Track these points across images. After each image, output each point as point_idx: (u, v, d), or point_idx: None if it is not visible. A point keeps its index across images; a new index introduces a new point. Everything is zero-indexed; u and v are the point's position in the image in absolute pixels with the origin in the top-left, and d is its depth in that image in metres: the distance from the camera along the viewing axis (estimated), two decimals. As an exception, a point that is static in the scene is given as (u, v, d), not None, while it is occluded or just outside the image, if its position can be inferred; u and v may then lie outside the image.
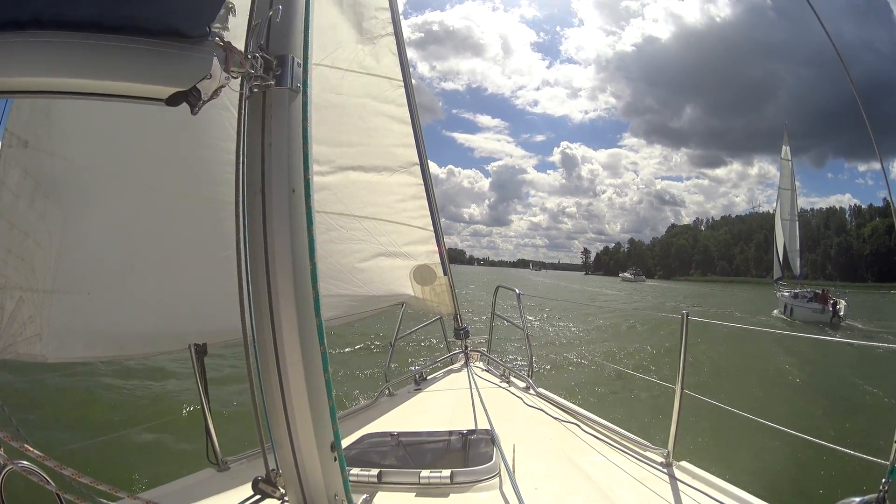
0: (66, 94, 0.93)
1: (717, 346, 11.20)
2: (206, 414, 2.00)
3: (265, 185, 1.03)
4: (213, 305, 2.26)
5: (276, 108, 1.05)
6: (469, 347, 3.74)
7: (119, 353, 2.26)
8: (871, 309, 24.71)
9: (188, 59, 0.95)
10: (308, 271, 1.07)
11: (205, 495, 1.49)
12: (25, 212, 1.95)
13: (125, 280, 2.22)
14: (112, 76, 0.92)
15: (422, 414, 2.72)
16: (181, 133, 2.21)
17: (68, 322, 2.07)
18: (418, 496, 1.57)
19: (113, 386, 5.88)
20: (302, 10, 1.14)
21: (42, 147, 1.95)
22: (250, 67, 1.04)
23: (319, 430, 1.10)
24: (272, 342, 1.06)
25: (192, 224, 2.35)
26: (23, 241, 1.95)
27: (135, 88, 0.94)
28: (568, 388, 7.36)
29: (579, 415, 2.43)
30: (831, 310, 19.39)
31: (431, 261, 3.54)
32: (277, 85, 1.06)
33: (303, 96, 1.09)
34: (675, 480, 1.76)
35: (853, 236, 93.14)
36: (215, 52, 0.97)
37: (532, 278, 74.78)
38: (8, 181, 1.88)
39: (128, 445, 4.23)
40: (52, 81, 0.90)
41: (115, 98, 0.95)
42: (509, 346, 9.44)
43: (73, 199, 2.07)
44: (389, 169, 3.31)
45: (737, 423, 2.69)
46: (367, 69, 3.07)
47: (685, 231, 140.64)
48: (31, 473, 1.01)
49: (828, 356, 11.26)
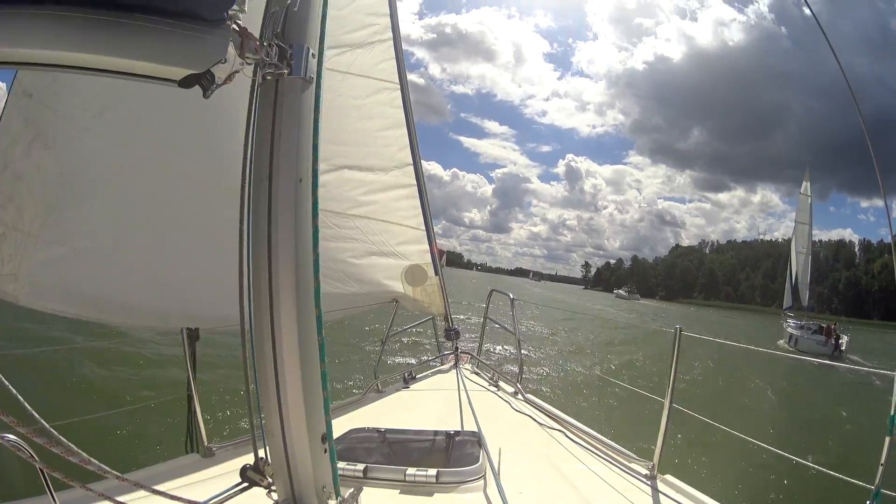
0: (80, 69, 0.96)
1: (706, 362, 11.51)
2: (194, 400, 2.04)
3: (272, 174, 1.06)
4: (204, 290, 2.31)
5: (288, 97, 1.08)
6: (459, 349, 3.83)
7: (97, 315, 2.30)
8: (877, 346, 25.26)
9: (204, 43, 0.98)
10: (311, 262, 1.09)
11: (189, 481, 1.52)
12: (21, 157, 2.01)
13: (115, 246, 2.27)
14: (127, 55, 0.95)
15: (409, 412, 2.79)
16: (190, 115, 2.27)
17: (48, 272, 2.13)
18: (402, 493, 1.61)
19: (98, 368, 5.92)
20: (319, 1, 1.18)
21: (46, 102, 2.01)
22: (265, 55, 1.07)
23: (312, 421, 1.12)
24: (270, 330, 1.08)
25: (190, 207, 2.41)
26: (14, 182, 2.01)
27: (149, 68, 0.97)
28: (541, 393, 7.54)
29: (566, 422, 2.50)
30: (834, 343, 20.19)
31: (423, 260, 3.64)
32: (291, 74, 1.09)
33: (315, 87, 1.12)
34: (659, 493, 1.81)
35: (862, 271, 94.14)
36: (231, 37, 1.00)
37: (531, 289, 74.96)
38: (9, 126, 1.95)
39: (110, 427, 4.30)
40: (66, 56, 0.93)
41: (128, 76, 0.98)
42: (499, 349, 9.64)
43: (72, 157, 2.13)
44: (384, 169, 3.46)
45: (722, 439, 2.74)
46: (367, 73, 3.24)
47: (690, 252, 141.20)
48: (18, 449, 1.03)
49: (819, 382, 11.58)
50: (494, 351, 9.74)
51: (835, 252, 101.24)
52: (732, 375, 11.55)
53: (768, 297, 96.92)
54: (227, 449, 2.10)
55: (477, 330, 4.82)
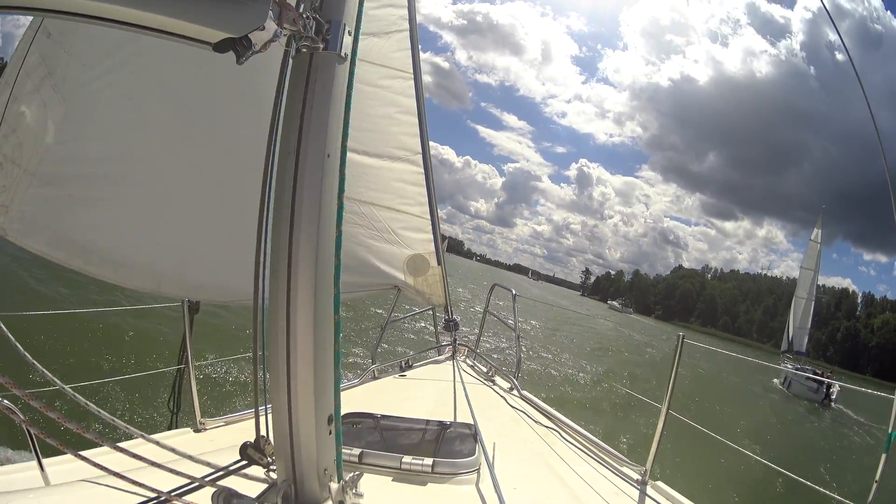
0: (114, 22, 0.97)
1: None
2: (191, 374, 2.04)
3: (300, 148, 1.07)
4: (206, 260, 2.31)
5: (322, 72, 1.09)
6: (458, 341, 3.88)
7: (83, 266, 2.30)
8: (866, 402, 25.73)
9: (244, 8, 0.99)
10: (333, 238, 1.09)
11: (182, 455, 1.54)
12: (30, 93, 2.04)
13: (113, 201, 2.27)
14: (165, 11, 0.95)
15: (404, 401, 2.82)
16: (209, 81, 2.28)
17: (40, 212, 2.14)
18: (396, 481, 1.61)
19: (90, 338, 5.89)
20: None
21: (63, 44, 2.04)
22: (302, 27, 1.08)
23: (320, 401, 1.12)
24: (285, 306, 1.07)
25: (200, 173, 2.41)
26: (18, 115, 2.04)
27: (186, 28, 0.97)
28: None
29: (561, 422, 2.53)
30: (825, 391, 20.91)
31: (426, 249, 3.69)
32: (326, 49, 1.10)
33: (350, 65, 1.13)
34: (649, 499, 1.84)
35: (862, 324, 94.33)
36: (270, 6, 1.02)
37: (529, 288, 75.18)
38: (24, 59, 1.99)
39: (100, 397, 4.36)
40: (102, 6, 0.94)
41: (162, 34, 0.98)
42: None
43: (79, 103, 2.14)
44: (392, 156, 3.53)
45: (716, 449, 2.76)
46: (381, 61, 3.33)
47: (692, 275, 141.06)
48: (12, 413, 1.03)
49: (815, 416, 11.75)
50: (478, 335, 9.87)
51: (837, 300, 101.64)
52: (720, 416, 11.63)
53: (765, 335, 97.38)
54: (220, 425, 2.10)
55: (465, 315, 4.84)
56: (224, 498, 1.04)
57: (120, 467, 1.08)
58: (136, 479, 1.06)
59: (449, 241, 7.07)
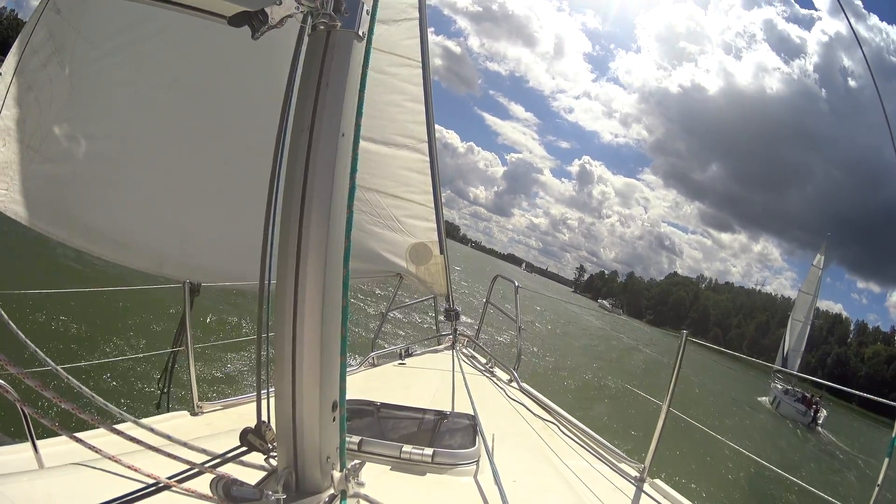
0: None
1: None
2: (190, 356, 2.03)
3: (314, 126, 1.05)
4: (208, 242, 2.30)
5: (338, 49, 1.07)
6: (458, 331, 3.87)
7: (84, 244, 2.30)
8: (858, 431, 26.06)
9: None
10: (344, 219, 1.08)
11: (178, 442, 1.54)
12: (37, 69, 2.03)
13: (116, 179, 2.27)
14: None
15: (404, 389, 2.81)
16: (216, 60, 2.27)
17: (42, 189, 2.13)
18: (394, 470, 1.60)
19: (89, 318, 5.85)
20: None
21: (72, 21, 2.02)
22: (320, 4, 1.06)
23: (325, 387, 1.09)
24: (293, 288, 1.05)
25: (204, 154, 2.41)
26: (25, 91, 2.03)
27: (202, 0, 0.96)
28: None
29: (559, 416, 2.53)
30: (812, 414, 21.67)
31: (429, 238, 3.70)
32: (343, 27, 1.08)
33: (367, 44, 1.12)
34: (646, 496, 1.84)
35: (853, 352, 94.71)
36: None
37: (523, 280, 74.86)
38: (33, 36, 1.99)
39: (96, 378, 4.35)
40: None
41: (178, 7, 0.96)
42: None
43: (84, 81, 2.12)
44: (398, 144, 3.53)
45: (714, 449, 2.76)
46: (390, 48, 3.33)
47: (686, 283, 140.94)
48: (6, 392, 1.01)
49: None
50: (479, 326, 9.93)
51: (830, 325, 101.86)
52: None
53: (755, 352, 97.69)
54: (217, 409, 2.08)
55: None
56: (223, 486, 1.01)
57: (116, 450, 1.06)
58: (131, 463, 1.04)
59: (445, 225, 7.06)
